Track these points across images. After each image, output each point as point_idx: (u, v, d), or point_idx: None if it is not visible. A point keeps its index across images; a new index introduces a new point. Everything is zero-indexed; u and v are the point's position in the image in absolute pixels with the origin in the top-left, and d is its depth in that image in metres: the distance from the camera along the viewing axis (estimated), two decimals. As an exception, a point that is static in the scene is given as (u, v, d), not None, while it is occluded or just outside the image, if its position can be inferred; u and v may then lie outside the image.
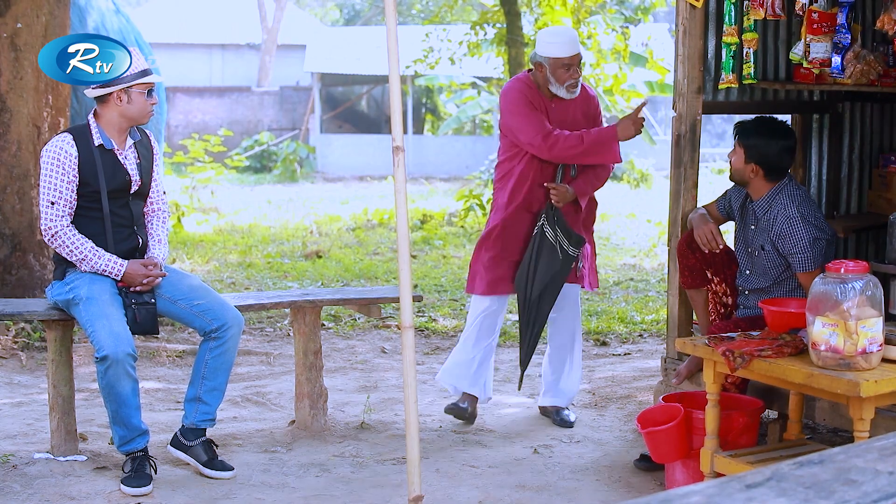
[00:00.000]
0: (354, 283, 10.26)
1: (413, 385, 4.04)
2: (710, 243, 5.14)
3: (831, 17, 5.24)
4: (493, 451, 5.34)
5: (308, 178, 24.63)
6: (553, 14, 15.37)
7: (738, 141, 5.07)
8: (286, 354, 7.32)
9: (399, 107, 4.05)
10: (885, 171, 6.30)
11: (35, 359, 6.98)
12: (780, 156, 5.02)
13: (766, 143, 4.99)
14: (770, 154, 4.99)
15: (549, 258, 5.52)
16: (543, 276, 5.52)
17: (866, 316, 3.88)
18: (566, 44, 5.57)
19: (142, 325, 4.86)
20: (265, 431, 5.59)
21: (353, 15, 37.75)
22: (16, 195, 7.31)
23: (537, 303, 5.57)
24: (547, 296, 5.58)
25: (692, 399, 4.81)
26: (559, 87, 5.57)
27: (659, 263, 11.59)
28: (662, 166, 21.73)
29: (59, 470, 4.90)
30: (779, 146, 5.02)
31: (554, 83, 5.57)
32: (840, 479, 1.58)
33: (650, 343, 7.96)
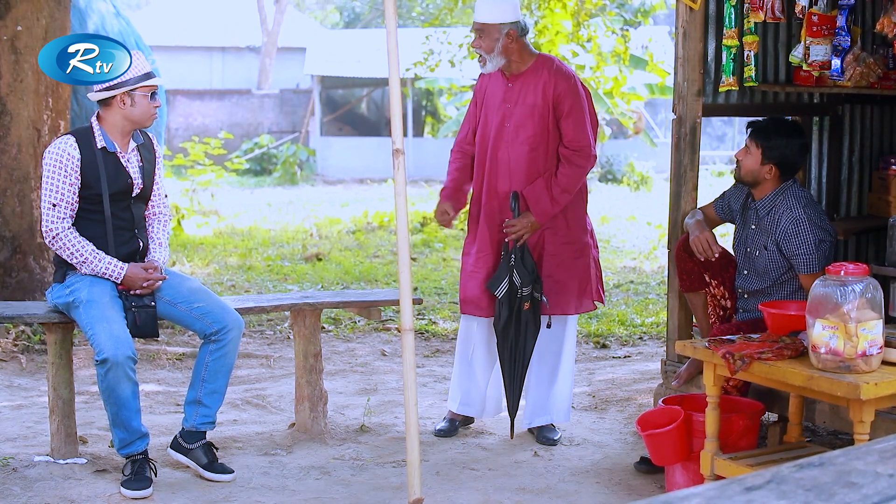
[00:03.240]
0: (354, 285, 10.26)
1: (413, 388, 4.04)
2: (706, 252, 5.13)
3: (831, 19, 5.25)
4: (493, 454, 5.34)
5: (308, 180, 24.64)
6: (553, 17, 15.36)
7: (754, 141, 5.02)
8: (286, 357, 7.32)
9: (399, 109, 4.05)
10: (885, 173, 6.30)
11: (35, 361, 6.97)
12: (798, 155, 5.04)
13: (787, 143, 4.99)
14: (790, 153, 4.99)
15: (527, 319, 5.26)
16: (521, 336, 5.29)
17: (866, 318, 3.88)
18: (476, 7, 5.26)
19: (142, 328, 4.86)
20: (265, 434, 5.58)
21: (354, 18, 37.76)
22: (16, 198, 7.31)
23: (519, 357, 5.33)
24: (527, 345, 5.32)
25: (692, 402, 4.81)
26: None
27: (659, 266, 11.59)
28: (662, 169, 21.75)
29: (59, 473, 4.90)
30: (798, 145, 5.03)
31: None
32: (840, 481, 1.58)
33: (650, 346, 7.96)
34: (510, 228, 5.26)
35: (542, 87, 5.27)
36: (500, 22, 5.22)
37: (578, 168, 5.28)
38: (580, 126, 5.26)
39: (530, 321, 5.27)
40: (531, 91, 5.29)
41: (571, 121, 5.26)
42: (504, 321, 5.26)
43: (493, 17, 5.21)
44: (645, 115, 25.73)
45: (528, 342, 5.31)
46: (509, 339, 5.29)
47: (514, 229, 5.25)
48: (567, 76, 5.32)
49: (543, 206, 5.26)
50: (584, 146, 5.27)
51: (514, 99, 5.32)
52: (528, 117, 5.29)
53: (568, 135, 5.27)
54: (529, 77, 5.31)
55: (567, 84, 5.28)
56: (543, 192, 5.26)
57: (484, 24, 5.22)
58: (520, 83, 5.32)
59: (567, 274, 5.40)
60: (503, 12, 5.23)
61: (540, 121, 5.28)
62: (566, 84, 5.27)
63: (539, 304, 5.27)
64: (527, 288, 5.21)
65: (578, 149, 5.27)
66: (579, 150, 5.27)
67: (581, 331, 8.28)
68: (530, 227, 5.27)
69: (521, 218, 5.26)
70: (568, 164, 5.27)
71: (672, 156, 5.59)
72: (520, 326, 5.26)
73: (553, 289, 5.36)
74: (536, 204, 5.26)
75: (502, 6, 5.25)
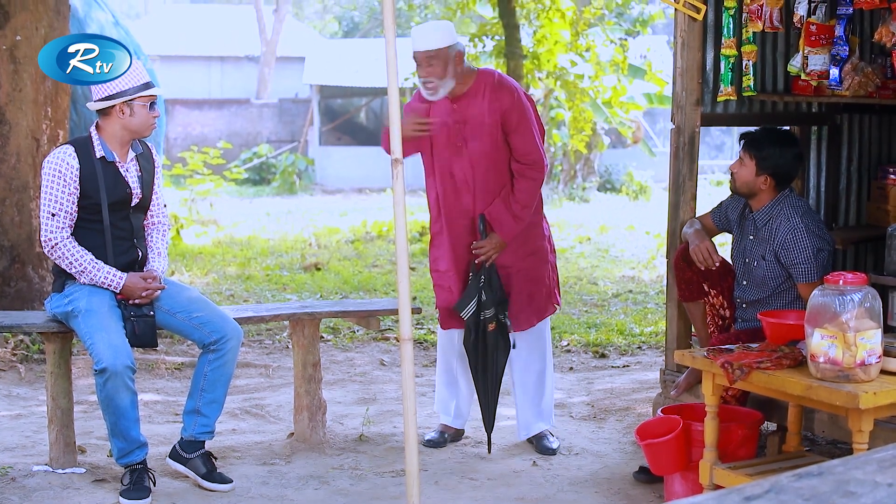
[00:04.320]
0: (353, 295, 10.26)
1: (412, 397, 4.03)
2: (706, 261, 5.14)
3: (829, 29, 5.26)
4: (492, 464, 5.34)
5: (307, 190, 24.65)
6: (551, 26, 15.39)
7: (748, 153, 5.03)
8: (285, 367, 7.32)
9: (398, 119, 4.05)
10: (884, 182, 6.30)
11: (34, 371, 6.97)
12: (793, 164, 5.04)
13: (781, 153, 5.00)
14: (784, 164, 5.00)
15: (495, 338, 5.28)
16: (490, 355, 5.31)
17: (865, 328, 3.88)
18: (415, 38, 5.23)
19: (141, 338, 4.85)
20: (264, 444, 5.58)
21: (352, 27, 37.79)
22: (15, 207, 7.32)
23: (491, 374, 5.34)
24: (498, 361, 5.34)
25: (691, 411, 4.81)
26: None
27: (658, 275, 11.59)
28: (661, 178, 21.75)
29: (58, 482, 4.90)
30: (791, 155, 5.04)
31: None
32: (839, 491, 1.58)
33: (649, 355, 7.96)
34: (479, 250, 5.29)
35: (488, 104, 5.29)
36: (448, 45, 5.22)
37: (533, 181, 5.31)
38: (529, 139, 5.30)
39: (499, 339, 5.31)
40: (477, 108, 5.30)
41: (520, 135, 5.28)
42: (473, 340, 5.30)
43: (442, 41, 5.20)
44: (643, 124, 25.73)
45: (500, 359, 5.35)
46: (479, 358, 5.33)
47: (483, 250, 5.28)
48: (510, 90, 5.33)
49: (507, 226, 5.30)
50: (535, 159, 5.31)
51: (462, 118, 5.32)
52: (478, 135, 5.31)
53: (519, 149, 5.30)
54: (473, 95, 5.32)
55: (511, 98, 5.29)
56: (504, 212, 5.30)
57: (436, 51, 5.20)
58: (465, 102, 5.32)
59: (535, 285, 5.45)
60: (447, 35, 5.24)
61: (490, 137, 5.30)
62: (510, 98, 5.29)
63: (505, 327, 5.31)
64: (489, 311, 5.25)
65: (531, 162, 5.30)
66: (532, 163, 5.31)
67: (580, 340, 8.28)
68: (497, 247, 5.30)
69: (488, 239, 5.29)
70: (523, 178, 5.31)
71: (671, 165, 5.60)
72: (487, 346, 5.30)
73: (525, 302, 5.41)
74: (500, 225, 5.29)
75: (444, 30, 5.27)
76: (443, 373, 5.67)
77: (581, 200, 21.03)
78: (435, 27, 5.33)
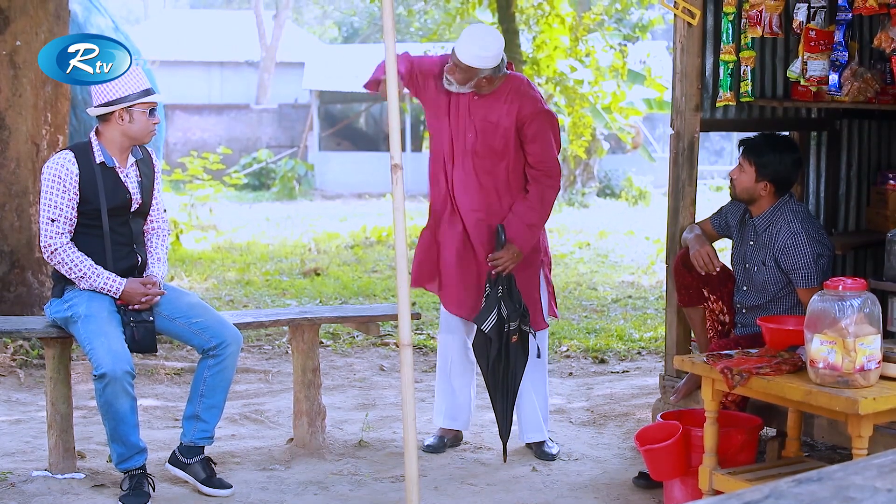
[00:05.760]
0: (353, 300, 10.26)
1: (411, 403, 4.03)
2: (707, 266, 5.14)
3: (829, 34, 5.26)
4: (491, 469, 5.33)
5: (306, 195, 24.65)
6: (551, 31, 15.39)
7: (747, 159, 5.04)
8: (284, 372, 7.31)
9: (397, 124, 4.06)
10: (883, 188, 6.31)
11: (33, 376, 6.97)
12: (792, 170, 5.05)
13: (780, 159, 5.00)
14: (783, 169, 5.00)
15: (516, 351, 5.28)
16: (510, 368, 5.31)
17: (864, 333, 3.89)
18: (462, 45, 5.17)
19: (140, 343, 4.85)
20: (263, 449, 5.58)
21: (352, 33, 37.83)
22: (14, 212, 7.32)
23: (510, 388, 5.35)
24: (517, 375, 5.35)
25: (690, 417, 4.81)
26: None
27: (657, 281, 11.59)
28: (661, 184, 21.76)
29: (58, 488, 4.89)
30: (791, 160, 5.04)
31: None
32: (838, 496, 1.58)
33: (648, 360, 7.96)
34: (497, 261, 5.27)
35: (508, 107, 5.30)
36: (482, 68, 5.21)
37: (548, 188, 5.35)
38: (546, 149, 5.33)
39: (519, 353, 5.30)
40: (496, 109, 5.32)
41: (537, 144, 5.31)
42: (494, 355, 5.27)
43: (479, 63, 5.18)
44: (643, 129, 25.76)
45: (518, 372, 5.35)
46: (500, 373, 5.30)
47: (501, 261, 5.26)
48: (534, 99, 5.34)
49: (524, 237, 5.32)
50: (550, 167, 5.35)
51: (479, 114, 5.33)
52: (491, 134, 5.32)
53: (535, 156, 5.32)
54: (497, 97, 5.33)
55: (533, 107, 5.30)
56: (520, 224, 5.32)
57: (466, 66, 5.20)
58: (488, 101, 5.32)
59: (534, 295, 5.46)
60: (487, 61, 5.19)
61: (502, 139, 5.31)
62: (532, 107, 5.30)
63: (527, 336, 5.30)
64: (514, 322, 5.24)
65: (545, 170, 5.34)
66: (546, 170, 5.34)
67: (579, 346, 8.28)
68: (514, 258, 5.29)
69: (504, 250, 5.28)
70: (538, 183, 5.34)
71: (670, 170, 5.60)
72: (509, 359, 5.29)
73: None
74: (520, 239, 5.30)
75: (490, 55, 5.19)
76: (440, 377, 5.67)
77: (580, 206, 21.05)
78: (485, 47, 5.19)
